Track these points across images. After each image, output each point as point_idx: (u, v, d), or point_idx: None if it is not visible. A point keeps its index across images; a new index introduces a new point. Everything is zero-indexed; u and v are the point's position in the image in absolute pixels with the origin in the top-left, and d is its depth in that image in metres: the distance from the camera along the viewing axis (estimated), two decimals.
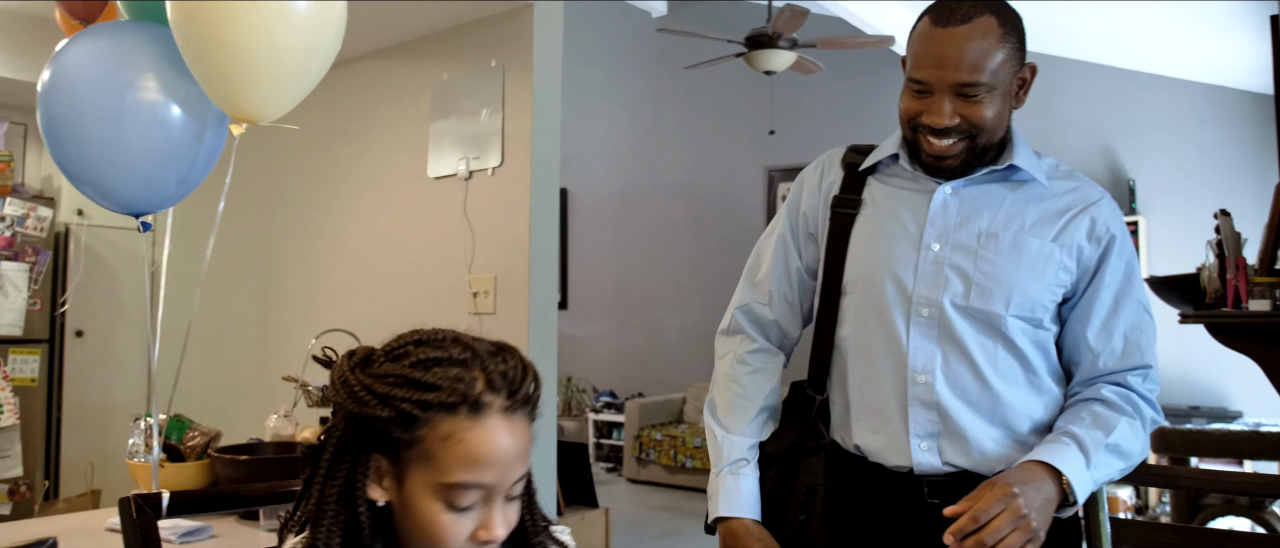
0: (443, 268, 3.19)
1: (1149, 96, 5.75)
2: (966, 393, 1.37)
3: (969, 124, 1.33)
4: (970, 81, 1.30)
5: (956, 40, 1.30)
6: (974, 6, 1.31)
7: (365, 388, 0.91)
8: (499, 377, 0.92)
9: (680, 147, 7.98)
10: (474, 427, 0.90)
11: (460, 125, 3.15)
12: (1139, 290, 1.40)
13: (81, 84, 1.46)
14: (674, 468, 6.78)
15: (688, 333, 7.85)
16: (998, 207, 1.39)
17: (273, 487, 1.32)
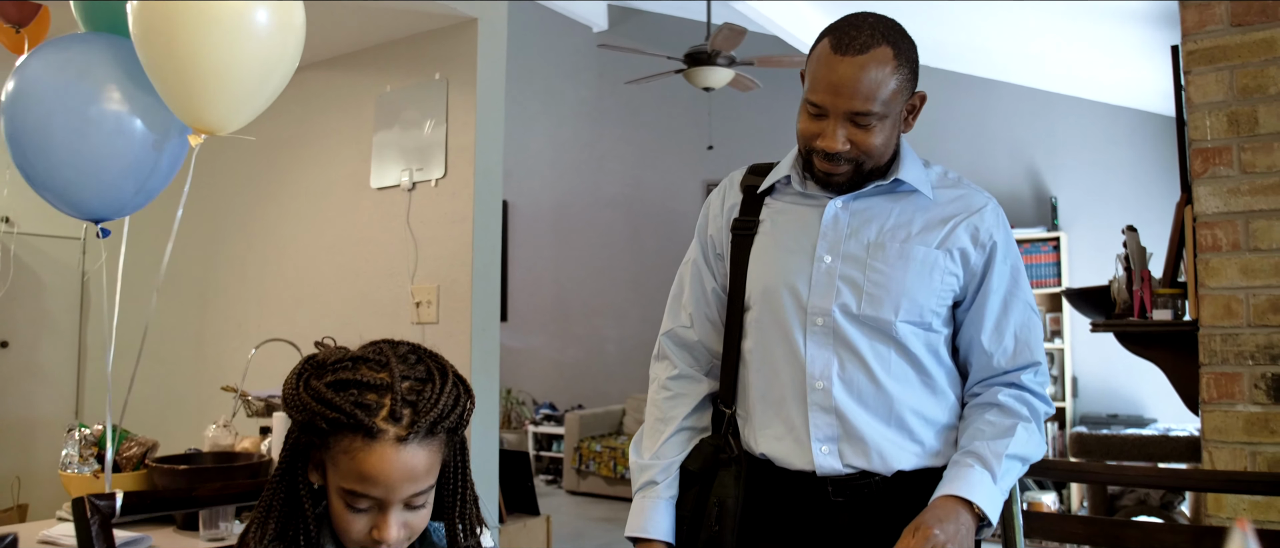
0: (385, 278, 3.20)
1: (1069, 118, 6.01)
2: (862, 397, 1.43)
3: (858, 150, 1.40)
4: (863, 110, 1.36)
5: (854, 69, 1.35)
6: (872, 36, 1.37)
7: (297, 394, 1.05)
8: (403, 408, 1.03)
9: (620, 160, 8.05)
10: (365, 449, 1.02)
11: (403, 137, 3.17)
12: (1024, 291, 1.48)
13: (45, 94, 1.47)
14: (614, 479, 6.82)
15: (627, 345, 7.91)
16: (885, 217, 1.46)
17: (226, 487, 1.34)
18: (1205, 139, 2.19)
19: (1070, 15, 4.62)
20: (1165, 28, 4.24)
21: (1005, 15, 4.87)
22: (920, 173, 1.49)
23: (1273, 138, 2.12)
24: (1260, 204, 2.13)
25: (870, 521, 1.43)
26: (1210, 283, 2.17)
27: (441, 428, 1.07)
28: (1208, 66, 2.19)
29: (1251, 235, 2.13)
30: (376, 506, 1.04)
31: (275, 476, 1.09)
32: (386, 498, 1.04)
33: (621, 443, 6.88)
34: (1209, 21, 2.20)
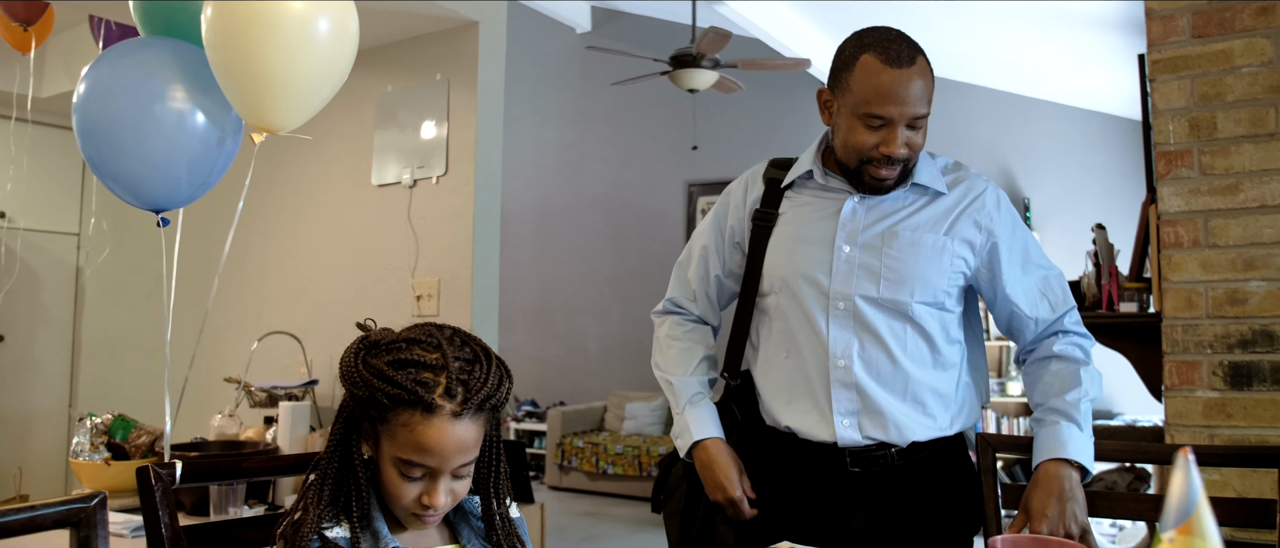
0: (386, 272, 3.30)
1: (1042, 121, 6.20)
2: (880, 374, 1.57)
3: (913, 151, 1.54)
4: (922, 113, 1.51)
5: (911, 78, 1.49)
6: (911, 47, 1.51)
7: (356, 372, 1.13)
8: (458, 385, 1.13)
9: (603, 161, 8.16)
10: (424, 423, 1.11)
11: (405, 135, 3.27)
12: (1036, 253, 1.63)
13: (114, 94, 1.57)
14: (596, 475, 6.93)
15: (608, 343, 8.02)
16: (897, 211, 1.59)
17: (271, 460, 1.44)
18: (1168, 143, 2.34)
19: (1044, 23, 4.80)
20: (1133, 36, 4.42)
21: (981, 22, 5.04)
22: (932, 170, 1.63)
23: (1229, 142, 2.28)
24: (1218, 204, 2.28)
25: (885, 489, 1.58)
26: (1172, 277, 2.32)
27: (489, 405, 1.18)
28: (1171, 75, 2.35)
29: (1210, 233, 2.29)
30: (428, 474, 1.14)
31: (330, 445, 1.18)
32: (439, 468, 1.14)
33: (603, 439, 6.99)
34: (1173, 33, 2.36)
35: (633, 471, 6.70)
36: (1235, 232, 2.26)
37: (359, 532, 1.14)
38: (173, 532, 1.30)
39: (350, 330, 1.21)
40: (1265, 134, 2.25)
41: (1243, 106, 2.27)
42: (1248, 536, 2.02)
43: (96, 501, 1.10)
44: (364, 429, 1.17)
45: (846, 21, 6.00)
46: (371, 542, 1.15)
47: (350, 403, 1.17)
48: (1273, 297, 2.22)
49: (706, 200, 7.58)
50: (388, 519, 1.18)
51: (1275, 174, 2.23)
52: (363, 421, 1.16)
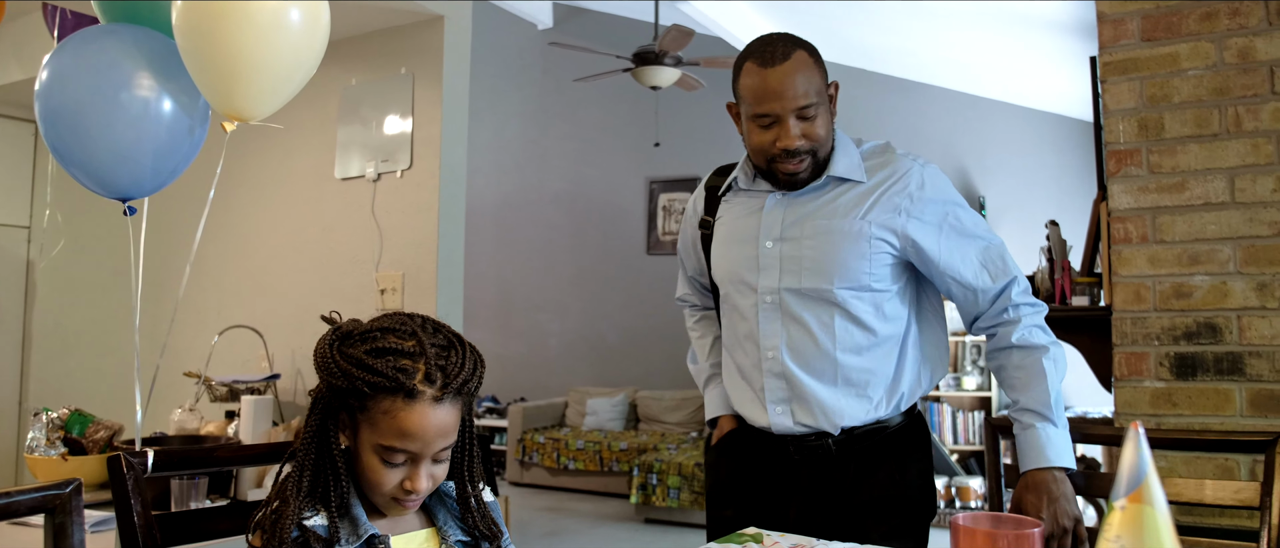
0: (349, 266, 3.29)
1: (996, 121, 6.33)
2: (808, 362, 1.64)
3: (811, 140, 1.61)
4: (805, 104, 1.58)
5: (788, 74, 1.57)
6: (787, 46, 1.60)
7: (334, 362, 1.14)
8: (437, 371, 1.15)
9: (564, 157, 8.17)
10: (406, 409, 1.13)
11: (369, 129, 3.26)
12: (972, 224, 1.65)
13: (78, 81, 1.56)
14: (557, 470, 6.94)
15: (569, 339, 8.03)
16: (816, 201, 1.66)
17: (242, 451, 1.45)
18: (1118, 142, 2.42)
19: (998, 25, 4.90)
20: (1085, 39, 4.54)
21: (936, 23, 5.13)
22: (851, 159, 1.68)
23: (1176, 142, 2.37)
24: (1165, 201, 2.37)
25: (822, 476, 1.66)
26: (1122, 272, 2.40)
27: (466, 390, 1.20)
28: (1121, 76, 2.43)
29: (1158, 229, 2.37)
30: (410, 460, 1.16)
31: (307, 436, 1.18)
32: (421, 453, 1.16)
33: (564, 435, 7.00)
34: (1123, 36, 2.44)
35: (594, 466, 6.72)
36: (1181, 228, 2.35)
37: (337, 520, 1.15)
38: (145, 521, 1.30)
39: (313, 324, 1.22)
40: (1209, 135, 2.33)
41: (1188, 108, 2.36)
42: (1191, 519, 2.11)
43: (72, 487, 1.10)
44: (341, 419, 1.17)
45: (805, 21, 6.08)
46: (350, 529, 1.16)
47: (326, 393, 1.17)
48: (1216, 291, 2.30)
49: (667, 197, 7.62)
50: (365, 507, 1.19)
51: (1219, 173, 2.32)
52: (340, 410, 1.17)
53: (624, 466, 6.54)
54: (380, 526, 1.20)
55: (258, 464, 1.45)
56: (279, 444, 1.38)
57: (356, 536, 1.16)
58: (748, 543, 1.49)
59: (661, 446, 6.46)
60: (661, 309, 7.57)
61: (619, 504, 6.44)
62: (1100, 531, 0.70)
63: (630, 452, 6.55)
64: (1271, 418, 2.23)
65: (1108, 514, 0.70)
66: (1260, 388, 2.25)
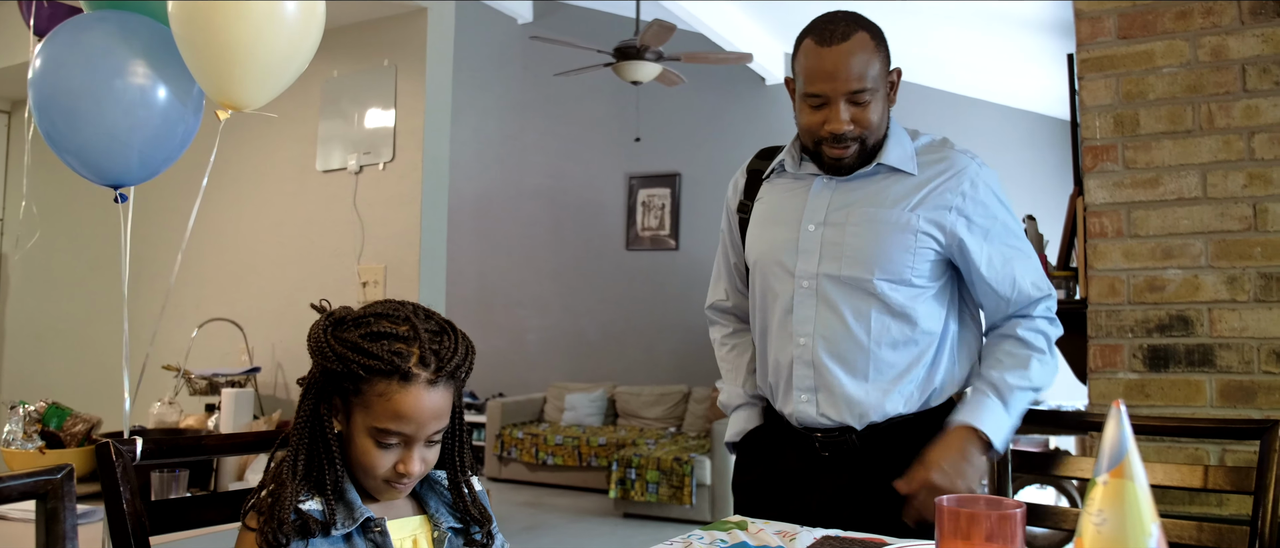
0: (331, 259, 3.28)
1: (973, 118, 6.40)
2: (840, 352, 1.59)
3: (861, 127, 1.56)
4: (859, 88, 1.53)
5: (843, 56, 1.52)
6: (849, 26, 1.54)
7: (329, 347, 1.15)
8: (430, 354, 1.17)
9: (543, 152, 8.16)
10: (401, 391, 1.14)
11: (351, 121, 3.25)
12: (1015, 234, 1.61)
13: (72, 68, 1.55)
14: (536, 466, 6.94)
15: (548, 334, 8.03)
16: (865, 189, 1.60)
17: (231, 438, 1.45)
18: (1095, 138, 2.47)
19: (975, 23, 4.96)
20: (1061, 38, 4.60)
21: (914, 21, 5.18)
22: (904, 150, 1.62)
23: (1151, 138, 2.41)
24: (1140, 196, 2.41)
25: (848, 469, 1.61)
26: (1097, 265, 2.44)
27: (458, 374, 1.21)
28: (1098, 73, 2.47)
29: (1132, 223, 2.42)
30: (404, 443, 1.17)
31: (301, 421, 1.20)
32: (415, 435, 1.17)
33: (543, 430, 7.00)
34: (1100, 33, 2.48)
35: (572, 461, 6.73)
36: (1155, 223, 2.40)
37: (333, 504, 1.17)
38: (134, 509, 1.30)
39: (294, 317, 1.23)
40: (1182, 131, 2.38)
41: (1163, 105, 2.40)
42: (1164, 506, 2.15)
43: (64, 472, 1.10)
44: (334, 404, 1.19)
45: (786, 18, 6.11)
46: (345, 513, 1.17)
47: (319, 378, 1.18)
48: (1188, 284, 2.35)
49: (646, 193, 7.64)
50: (359, 491, 1.21)
51: (1192, 169, 2.37)
52: (334, 395, 1.18)
53: (602, 461, 6.56)
54: (374, 510, 1.21)
55: (246, 453, 1.46)
56: (266, 433, 1.38)
57: (352, 519, 1.17)
58: (732, 531, 1.52)
59: (640, 441, 6.49)
60: (640, 305, 7.59)
61: (597, 499, 6.46)
62: (1083, 505, 0.72)
63: (609, 447, 6.56)
64: (1240, 408, 2.29)
65: (1090, 489, 0.72)
66: (1229, 379, 2.30)
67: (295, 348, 3.28)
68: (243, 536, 1.17)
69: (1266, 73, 2.31)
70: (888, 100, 1.62)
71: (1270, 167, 2.30)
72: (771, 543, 1.40)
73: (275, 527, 1.12)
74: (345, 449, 1.20)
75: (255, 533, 1.14)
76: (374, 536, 1.18)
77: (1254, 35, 2.33)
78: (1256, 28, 2.33)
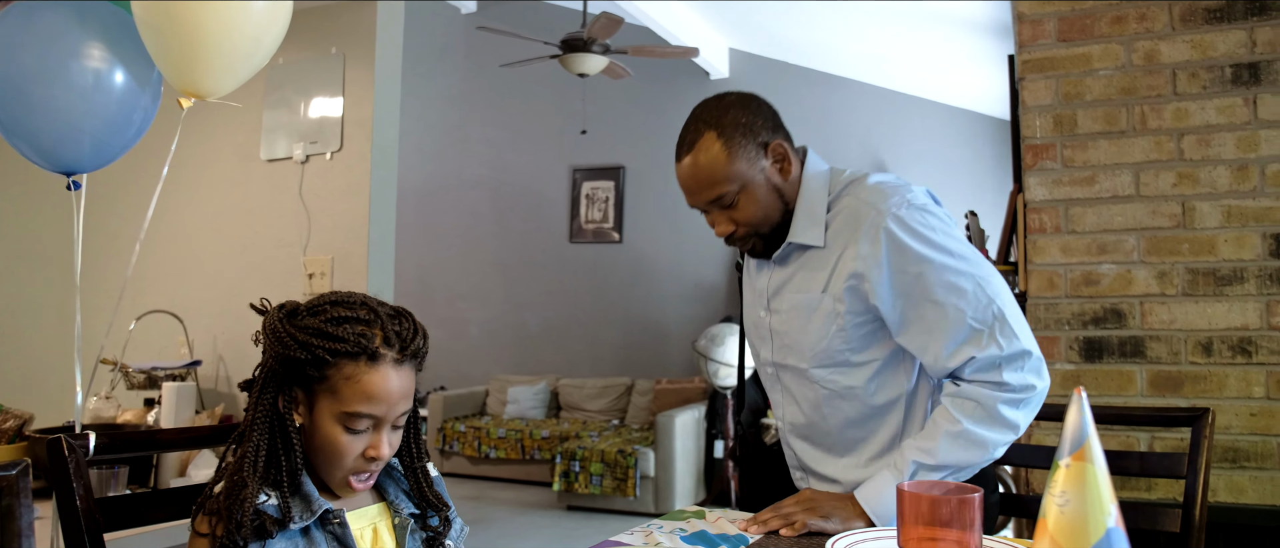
0: (276, 249, 3.22)
1: (915, 117, 6.53)
2: (809, 435, 1.58)
3: (743, 225, 1.49)
4: (714, 197, 1.46)
5: (686, 171, 1.46)
6: (696, 130, 1.46)
7: (289, 335, 1.14)
8: (394, 335, 1.17)
9: (487, 144, 8.10)
10: (370, 371, 1.14)
11: (297, 110, 3.20)
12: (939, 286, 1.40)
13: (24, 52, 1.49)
14: (478, 459, 6.91)
15: (491, 327, 7.98)
16: (791, 273, 1.54)
17: (186, 432, 1.42)
18: (1035, 137, 2.55)
19: (916, 22, 5.06)
20: (999, 39, 4.73)
21: (856, 19, 5.27)
22: (813, 219, 1.50)
23: (1088, 137, 2.50)
24: (1077, 193, 2.50)
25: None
26: (1036, 260, 2.53)
27: (419, 355, 1.22)
28: (1038, 74, 2.56)
29: (1070, 219, 2.51)
30: (372, 426, 1.17)
31: (258, 415, 1.17)
32: (386, 416, 1.16)
33: (485, 423, 6.97)
34: (1040, 36, 2.56)
35: (515, 454, 6.72)
36: (1091, 219, 2.49)
37: (289, 498, 1.15)
38: (87, 504, 1.27)
39: (237, 309, 1.21)
40: (1117, 131, 2.48)
41: (1099, 106, 2.49)
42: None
43: (20, 468, 1.07)
44: (294, 396, 1.17)
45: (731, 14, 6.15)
46: (302, 506, 1.16)
47: (278, 369, 1.16)
48: (1121, 278, 2.45)
49: (590, 186, 7.64)
50: (316, 485, 1.19)
51: (1126, 168, 2.46)
52: (293, 386, 1.16)
53: (546, 453, 6.55)
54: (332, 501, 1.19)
55: (202, 447, 1.43)
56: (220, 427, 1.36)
57: (310, 512, 1.16)
58: (690, 520, 1.54)
59: (583, 433, 6.50)
60: (584, 298, 7.59)
61: (541, 492, 6.46)
62: (1047, 487, 0.76)
63: (552, 440, 6.56)
64: (1168, 397, 2.39)
65: (1053, 472, 0.76)
66: (1159, 369, 2.40)
67: (238, 341, 3.21)
68: (194, 541, 1.15)
69: (1195, 77, 2.41)
70: (772, 182, 1.49)
71: (1198, 167, 2.40)
72: (729, 532, 1.43)
73: (233, 529, 1.09)
74: (306, 443, 1.18)
75: (207, 538, 1.11)
76: (333, 527, 1.17)
77: (1184, 41, 2.43)
78: (1186, 34, 2.43)
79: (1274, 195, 2.34)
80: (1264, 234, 2.34)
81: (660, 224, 7.30)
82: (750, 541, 1.38)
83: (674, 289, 7.23)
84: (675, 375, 7.04)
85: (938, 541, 1.06)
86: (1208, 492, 1.51)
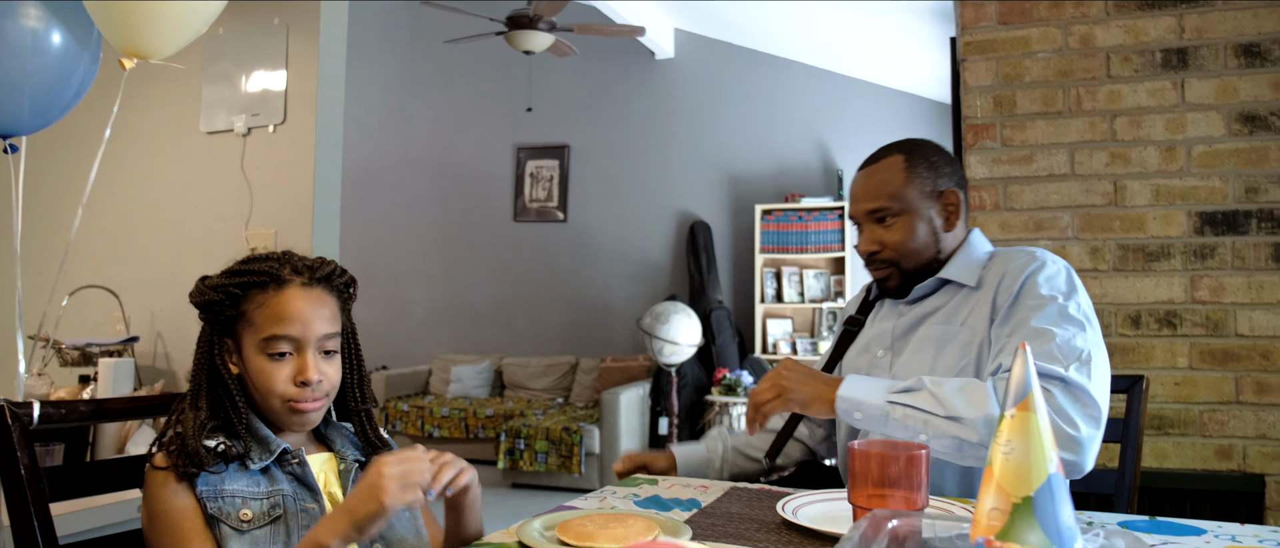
0: (217, 223, 3.16)
1: (856, 99, 6.63)
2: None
3: (890, 249, 1.53)
4: (874, 208, 1.52)
5: (861, 177, 1.57)
6: (889, 148, 1.57)
7: (209, 287, 1.23)
8: (303, 266, 1.25)
9: (430, 122, 8.00)
10: (277, 295, 1.21)
11: (237, 82, 3.13)
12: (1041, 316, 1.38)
13: None
14: (421, 438, 6.86)
15: (433, 306, 7.92)
16: (931, 310, 1.54)
17: (133, 401, 1.40)
18: (975, 116, 2.62)
19: (860, 8, 5.14)
20: (943, 23, 4.82)
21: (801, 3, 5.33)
22: (968, 268, 1.52)
23: (1026, 118, 2.58)
24: (1016, 172, 2.58)
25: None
26: None
27: (338, 282, 1.28)
28: (979, 56, 2.62)
29: (1008, 197, 2.58)
30: (295, 349, 1.21)
31: (197, 368, 1.24)
32: (302, 336, 1.21)
33: (429, 402, 6.92)
34: (981, 19, 2.63)
35: (459, 433, 6.69)
36: (1028, 197, 2.57)
37: (248, 441, 1.20)
38: (32, 473, 1.25)
39: (177, 285, 1.27)
40: (1054, 112, 2.56)
41: (1038, 88, 2.57)
42: None
43: None
44: (226, 346, 1.23)
45: None
46: (260, 448, 1.21)
47: (206, 321, 1.24)
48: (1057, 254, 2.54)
49: (535, 164, 7.60)
50: (271, 427, 1.24)
51: (1062, 147, 2.55)
52: (224, 336, 1.23)
53: (490, 432, 6.54)
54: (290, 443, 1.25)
55: (149, 416, 1.41)
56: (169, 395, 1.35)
57: (268, 452, 1.21)
58: (643, 485, 1.57)
59: (528, 411, 6.50)
60: (527, 277, 7.57)
61: (486, 471, 6.44)
62: (994, 437, 0.80)
63: (496, 418, 6.55)
64: None
65: (999, 423, 0.80)
66: None
67: (177, 317, 3.15)
68: (150, 476, 1.18)
69: (1127, 61, 2.50)
70: (934, 223, 1.53)
71: (1129, 147, 2.50)
72: (682, 496, 1.46)
73: (188, 457, 1.14)
74: (247, 391, 1.23)
75: (164, 471, 1.15)
76: (292, 468, 1.22)
77: (1117, 26, 2.51)
78: (1120, 19, 2.52)
79: (1199, 175, 2.44)
80: (1189, 212, 2.44)
81: (605, 203, 7.30)
82: (702, 504, 1.41)
83: (619, 268, 7.25)
84: (620, 353, 7.07)
85: (886, 498, 1.10)
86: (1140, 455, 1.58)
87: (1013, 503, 0.77)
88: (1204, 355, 2.41)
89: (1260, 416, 2.35)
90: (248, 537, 1.15)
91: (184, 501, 1.14)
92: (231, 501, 1.15)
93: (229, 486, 1.16)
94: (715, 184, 6.94)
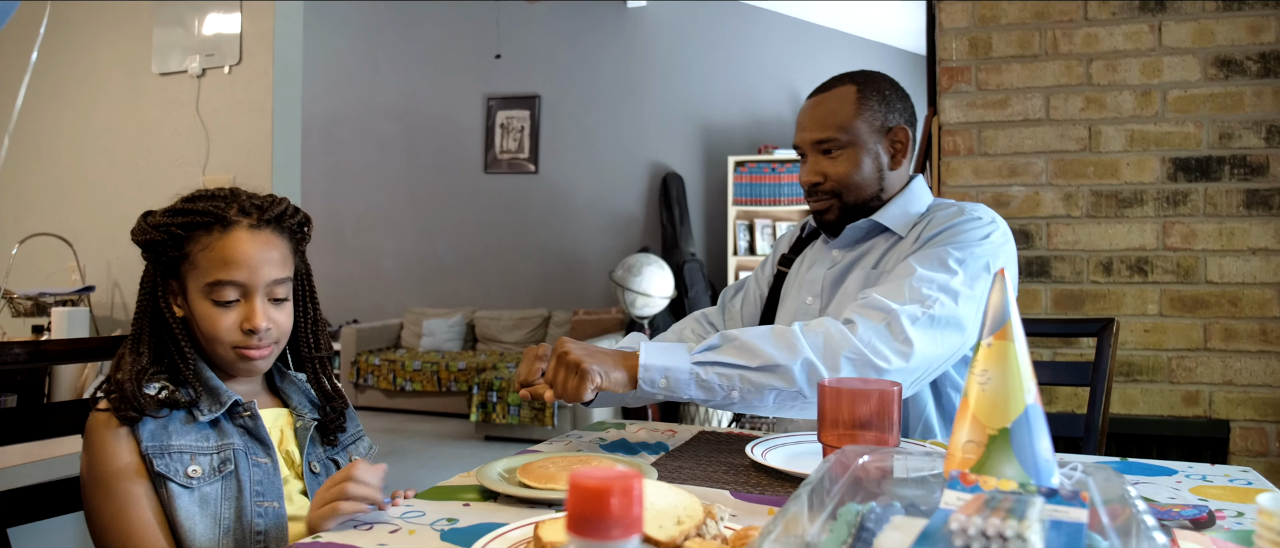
0: (170, 168, 3.06)
1: (829, 49, 6.56)
2: None
3: (833, 180, 1.49)
4: (821, 138, 1.47)
5: (809, 105, 1.51)
6: (840, 78, 1.51)
7: (151, 225, 1.16)
8: (250, 205, 1.18)
9: (398, 72, 7.84)
10: (222, 237, 1.14)
11: (190, 22, 3.01)
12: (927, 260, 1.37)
13: None
14: (393, 392, 6.82)
15: (404, 258, 7.83)
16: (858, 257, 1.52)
17: (76, 343, 1.34)
18: (951, 59, 2.57)
19: None
20: None
21: None
22: (903, 217, 1.49)
23: (1001, 61, 2.53)
24: (990, 116, 2.54)
25: None
26: (950, 181, 2.57)
27: (288, 223, 1.20)
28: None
29: (982, 141, 2.55)
30: (242, 295, 1.15)
31: (140, 310, 1.18)
32: (250, 281, 1.15)
33: (400, 356, 6.87)
34: None
35: (431, 386, 6.65)
36: (1002, 142, 2.53)
37: (198, 390, 1.14)
38: None
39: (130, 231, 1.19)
40: (1030, 55, 2.51)
41: (1014, 30, 2.52)
42: None
43: None
44: (170, 288, 1.17)
45: None
46: (211, 399, 1.15)
47: (148, 261, 1.18)
48: (1030, 200, 2.51)
49: (505, 115, 7.48)
50: (220, 376, 1.19)
51: (1037, 91, 2.51)
52: (167, 277, 1.17)
53: (462, 385, 6.51)
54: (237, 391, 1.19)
55: (95, 359, 1.35)
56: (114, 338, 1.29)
57: (218, 404, 1.15)
58: (609, 430, 1.54)
59: (501, 364, 6.46)
60: (499, 229, 7.49)
61: (458, 424, 6.42)
62: (970, 367, 0.76)
63: (469, 371, 6.51)
64: (1071, 315, 2.48)
65: (976, 352, 0.76)
66: (1062, 289, 2.48)
67: (134, 265, 3.05)
68: (91, 419, 1.13)
69: (1105, 3, 2.46)
70: (879, 159, 1.50)
71: (1104, 91, 2.46)
72: (650, 440, 1.43)
73: (127, 400, 1.09)
74: (192, 335, 1.18)
75: (104, 414, 1.11)
76: (244, 420, 1.17)
77: None
78: None
79: (1173, 121, 2.42)
80: (1162, 158, 2.42)
81: (577, 155, 7.21)
82: (670, 447, 1.37)
83: (591, 220, 7.18)
84: (593, 306, 7.03)
85: (857, 438, 1.07)
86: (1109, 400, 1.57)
87: (989, 435, 0.73)
88: (1174, 302, 2.40)
89: (1227, 362, 2.35)
90: (196, 494, 1.09)
91: (125, 458, 1.08)
92: (179, 457, 1.10)
93: (176, 441, 1.10)
94: (688, 135, 6.87)
